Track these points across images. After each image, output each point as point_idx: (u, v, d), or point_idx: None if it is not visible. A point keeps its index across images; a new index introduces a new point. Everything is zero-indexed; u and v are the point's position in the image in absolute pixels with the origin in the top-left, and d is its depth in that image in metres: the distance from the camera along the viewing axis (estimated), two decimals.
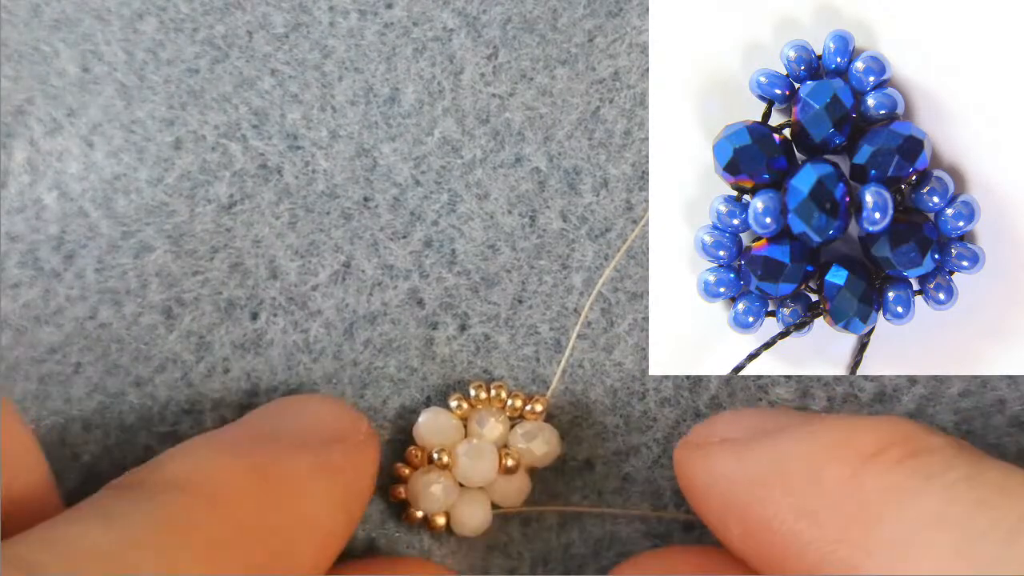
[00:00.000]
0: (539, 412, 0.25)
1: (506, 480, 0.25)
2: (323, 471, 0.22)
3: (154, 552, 0.19)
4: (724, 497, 0.22)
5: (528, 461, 0.25)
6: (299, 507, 0.21)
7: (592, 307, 0.26)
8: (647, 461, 0.25)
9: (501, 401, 0.25)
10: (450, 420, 0.25)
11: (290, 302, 0.26)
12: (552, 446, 0.25)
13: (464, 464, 0.24)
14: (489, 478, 0.25)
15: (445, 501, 0.25)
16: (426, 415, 0.25)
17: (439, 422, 0.25)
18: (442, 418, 0.25)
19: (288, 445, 0.22)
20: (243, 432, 0.23)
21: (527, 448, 0.25)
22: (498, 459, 0.25)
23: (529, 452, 0.25)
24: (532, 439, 0.25)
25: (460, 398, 0.25)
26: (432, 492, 0.24)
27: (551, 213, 0.26)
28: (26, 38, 0.27)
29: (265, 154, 0.26)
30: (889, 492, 0.19)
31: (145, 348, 0.26)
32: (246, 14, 0.27)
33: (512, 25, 0.26)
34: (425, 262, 0.26)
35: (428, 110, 0.26)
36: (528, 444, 0.25)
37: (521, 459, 0.25)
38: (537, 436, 0.25)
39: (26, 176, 0.26)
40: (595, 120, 0.26)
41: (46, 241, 0.26)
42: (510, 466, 0.25)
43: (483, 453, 0.25)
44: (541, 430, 0.25)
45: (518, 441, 0.25)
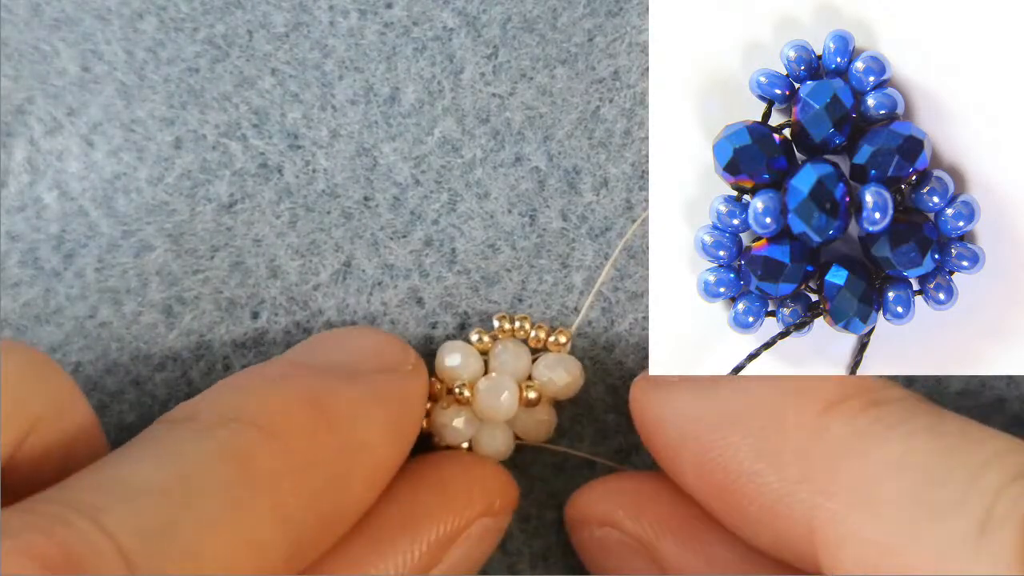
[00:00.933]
0: (563, 344, 0.25)
1: (528, 413, 0.25)
2: (375, 400, 0.22)
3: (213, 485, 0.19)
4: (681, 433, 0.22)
5: (551, 392, 0.25)
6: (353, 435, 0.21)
7: (592, 306, 0.26)
8: (647, 459, 0.25)
9: (525, 332, 0.25)
10: (471, 353, 0.25)
11: (291, 301, 0.26)
12: (575, 376, 0.25)
13: (484, 400, 0.24)
14: (510, 413, 0.24)
15: (467, 434, 0.25)
16: (446, 348, 0.25)
17: (459, 355, 0.25)
18: (462, 351, 0.25)
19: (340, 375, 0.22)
20: (294, 364, 0.23)
21: (549, 379, 0.25)
22: (519, 392, 0.24)
23: (551, 383, 0.25)
24: (554, 369, 0.25)
25: (481, 331, 0.25)
26: (454, 427, 0.24)
27: (551, 212, 0.26)
28: (26, 37, 0.27)
29: (265, 153, 0.26)
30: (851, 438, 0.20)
31: (145, 347, 0.26)
32: (246, 13, 0.27)
33: (512, 25, 0.26)
34: (425, 261, 0.26)
35: (428, 110, 0.26)
36: (551, 374, 0.25)
37: (543, 391, 0.25)
38: (559, 366, 0.25)
39: (26, 175, 0.26)
40: (595, 120, 0.26)
41: (46, 240, 0.26)
42: (532, 398, 0.24)
43: (502, 388, 0.24)
44: (563, 361, 0.25)
45: (540, 373, 0.25)
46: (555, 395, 0.25)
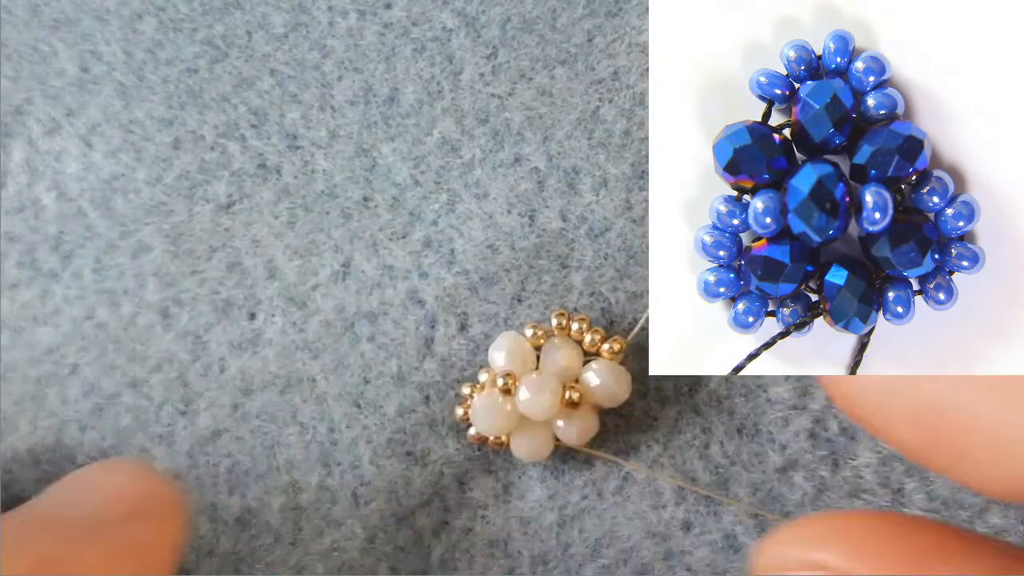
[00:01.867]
0: (616, 352, 0.25)
1: (568, 416, 0.25)
2: (118, 557, 0.21)
3: None
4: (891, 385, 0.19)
5: (593, 399, 0.25)
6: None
7: (592, 307, 0.26)
8: (647, 460, 0.25)
9: (580, 334, 0.25)
10: (522, 345, 0.25)
11: (288, 302, 0.26)
12: (622, 388, 0.25)
13: (524, 397, 0.24)
14: (549, 413, 0.24)
15: (501, 426, 0.24)
16: (501, 339, 0.25)
17: (511, 347, 0.25)
18: (515, 343, 0.25)
19: (81, 529, 0.21)
20: (34, 515, 0.22)
21: (596, 385, 0.25)
22: (562, 393, 0.24)
23: (597, 390, 0.25)
24: (603, 376, 0.25)
25: (535, 326, 0.25)
26: (488, 415, 0.24)
27: (550, 213, 0.26)
28: (25, 38, 0.27)
29: (264, 154, 0.26)
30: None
31: (142, 348, 0.26)
32: (245, 14, 0.27)
33: (511, 25, 0.26)
34: (424, 262, 0.26)
35: (427, 110, 0.26)
36: (598, 380, 0.25)
37: (585, 395, 0.25)
38: (608, 374, 0.25)
39: (24, 176, 0.26)
40: (594, 120, 0.26)
41: (44, 241, 0.26)
42: (574, 399, 0.24)
43: (545, 387, 0.24)
44: (612, 369, 0.25)
45: (589, 377, 0.25)
46: (599, 402, 0.25)
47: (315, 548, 0.25)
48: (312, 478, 0.25)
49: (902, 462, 0.25)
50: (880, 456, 0.25)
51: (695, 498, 0.25)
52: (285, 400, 0.26)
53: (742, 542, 0.25)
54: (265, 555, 0.25)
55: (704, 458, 0.25)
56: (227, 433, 0.26)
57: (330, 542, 0.25)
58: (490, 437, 0.25)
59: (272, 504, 0.25)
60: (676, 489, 0.25)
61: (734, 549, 0.25)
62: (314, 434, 0.26)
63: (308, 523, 0.25)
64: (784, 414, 0.26)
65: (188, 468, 0.26)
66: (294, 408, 0.26)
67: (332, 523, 0.25)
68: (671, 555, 0.25)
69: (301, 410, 0.26)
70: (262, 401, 0.26)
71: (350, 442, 0.26)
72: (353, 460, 0.26)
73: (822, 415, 0.26)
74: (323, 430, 0.26)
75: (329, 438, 0.26)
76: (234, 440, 0.26)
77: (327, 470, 0.26)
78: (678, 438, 0.25)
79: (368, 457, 0.26)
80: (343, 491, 0.25)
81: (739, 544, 0.25)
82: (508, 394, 0.24)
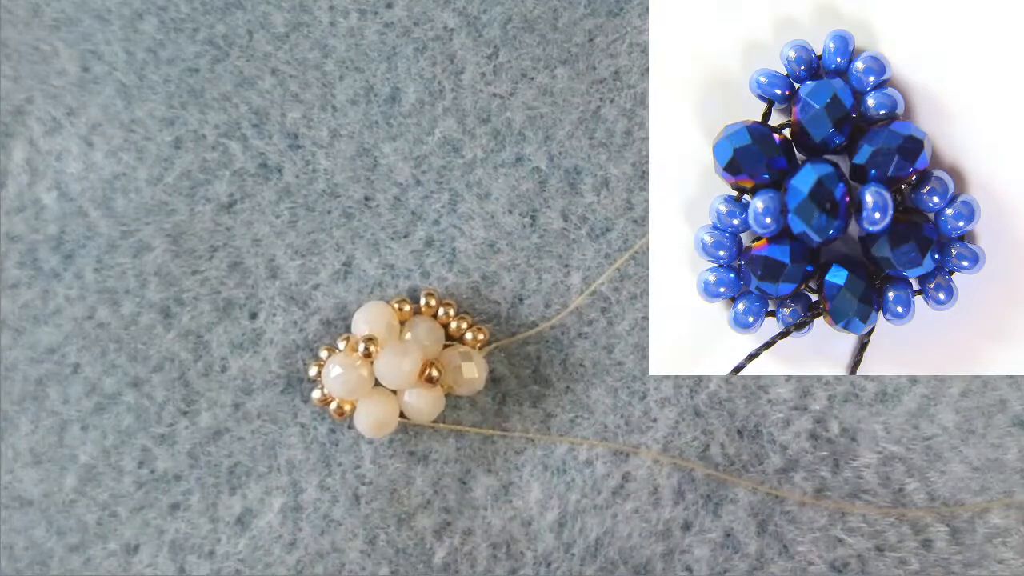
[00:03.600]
0: (480, 340, 0.25)
1: (419, 393, 0.25)
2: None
3: None
4: None
5: (450, 381, 0.25)
6: None
7: (592, 306, 0.26)
8: (647, 460, 0.25)
9: (447, 318, 0.25)
10: (387, 315, 0.25)
11: (290, 301, 0.26)
12: (480, 375, 0.25)
13: (384, 360, 0.24)
14: (407, 381, 0.24)
15: (352, 389, 0.24)
16: (366, 307, 0.25)
17: (376, 314, 0.25)
18: (380, 312, 0.25)
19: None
20: None
21: (457, 367, 0.25)
22: (420, 367, 0.24)
23: (457, 372, 0.25)
24: (465, 360, 0.25)
25: (403, 301, 0.25)
26: (336, 376, 0.24)
27: (552, 212, 0.26)
28: (26, 37, 0.27)
29: (265, 153, 0.26)
30: None
31: (143, 348, 0.26)
32: (246, 13, 0.27)
33: (512, 25, 0.26)
34: (426, 261, 0.26)
35: (429, 110, 0.26)
36: (460, 363, 0.25)
37: (444, 376, 0.25)
38: (471, 360, 0.25)
39: (25, 176, 0.26)
40: (595, 120, 0.26)
41: (45, 241, 0.26)
42: (433, 376, 0.25)
43: (408, 352, 0.24)
44: (474, 357, 0.25)
45: (452, 359, 0.25)
46: (454, 386, 0.25)
47: (315, 548, 0.25)
48: (312, 478, 0.26)
49: (903, 462, 0.25)
50: (881, 456, 0.25)
51: (695, 497, 0.25)
52: (286, 400, 0.26)
53: (742, 541, 0.25)
54: (265, 555, 0.25)
55: (704, 458, 0.25)
56: (228, 433, 0.26)
57: (330, 542, 0.25)
58: (335, 402, 0.25)
59: (272, 504, 0.25)
60: (676, 488, 0.25)
61: (734, 548, 0.25)
62: (315, 434, 0.26)
63: (308, 523, 0.25)
64: (785, 415, 0.26)
65: (189, 468, 0.26)
66: (295, 408, 0.26)
67: (332, 523, 0.25)
68: (670, 554, 0.25)
69: (302, 410, 0.26)
70: (260, 402, 0.26)
71: (351, 442, 0.26)
72: (354, 460, 0.26)
73: (823, 416, 0.26)
74: (324, 430, 0.26)
75: (330, 438, 0.26)
76: (235, 440, 0.26)
77: (328, 470, 0.26)
78: (678, 438, 0.25)
79: (370, 457, 0.26)
80: (344, 491, 0.25)
81: (739, 543, 0.25)
82: (367, 358, 0.24)
